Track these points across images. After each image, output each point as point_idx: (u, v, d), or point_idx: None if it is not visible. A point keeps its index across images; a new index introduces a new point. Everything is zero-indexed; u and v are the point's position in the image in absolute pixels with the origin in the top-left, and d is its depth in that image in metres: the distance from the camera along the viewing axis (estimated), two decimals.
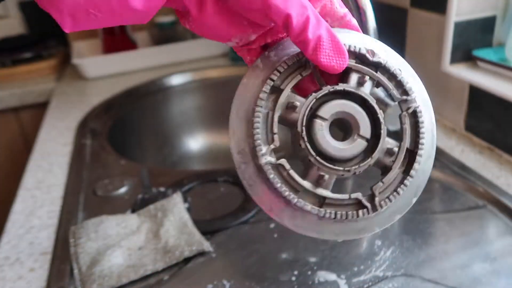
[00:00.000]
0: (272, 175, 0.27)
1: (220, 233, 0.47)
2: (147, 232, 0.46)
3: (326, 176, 0.28)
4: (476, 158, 0.57)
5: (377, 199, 0.29)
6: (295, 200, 0.28)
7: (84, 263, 0.43)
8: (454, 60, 0.62)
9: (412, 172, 0.30)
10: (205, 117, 0.98)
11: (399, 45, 0.72)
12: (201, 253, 0.44)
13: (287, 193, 0.28)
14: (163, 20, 1.16)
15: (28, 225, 0.52)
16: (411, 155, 0.30)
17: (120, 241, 0.45)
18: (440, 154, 0.58)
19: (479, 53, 0.61)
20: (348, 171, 0.28)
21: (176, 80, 0.97)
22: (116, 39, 1.08)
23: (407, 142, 0.30)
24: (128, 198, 0.54)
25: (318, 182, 0.28)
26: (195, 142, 0.96)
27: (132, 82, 0.94)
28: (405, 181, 0.30)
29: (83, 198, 0.56)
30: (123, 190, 0.56)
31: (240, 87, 0.29)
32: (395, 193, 0.30)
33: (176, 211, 0.49)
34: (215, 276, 0.41)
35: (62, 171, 0.63)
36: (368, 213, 0.29)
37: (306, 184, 0.28)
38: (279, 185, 0.27)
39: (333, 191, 0.29)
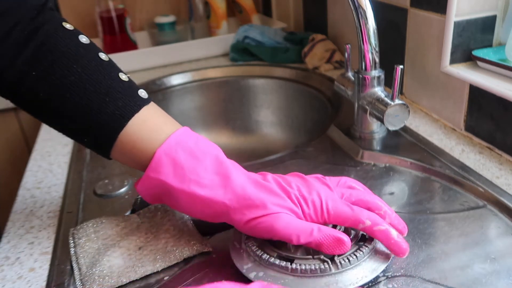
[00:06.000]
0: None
1: (220, 234, 0.47)
2: (147, 232, 0.46)
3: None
4: (476, 158, 0.57)
5: (336, 258, 0.38)
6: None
7: (84, 263, 0.43)
8: (454, 60, 0.62)
9: (367, 245, 0.40)
10: (205, 117, 0.98)
11: (399, 45, 0.72)
12: (202, 254, 0.44)
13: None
14: (163, 20, 1.16)
15: (28, 225, 0.52)
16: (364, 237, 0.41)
17: (120, 241, 0.45)
18: (440, 154, 0.58)
19: (479, 53, 0.61)
20: None
21: (176, 80, 0.97)
22: (116, 39, 1.08)
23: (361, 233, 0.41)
24: (128, 198, 0.55)
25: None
26: None
27: None
28: (361, 248, 0.39)
29: (83, 198, 0.56)
30: (123, 190, 0.56)
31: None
32: (353, 255, 0.38)
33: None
34: (215, 277, 0.41)
35: (62, 171, 0.63)
36: (330, 270, 0.37)
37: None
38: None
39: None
